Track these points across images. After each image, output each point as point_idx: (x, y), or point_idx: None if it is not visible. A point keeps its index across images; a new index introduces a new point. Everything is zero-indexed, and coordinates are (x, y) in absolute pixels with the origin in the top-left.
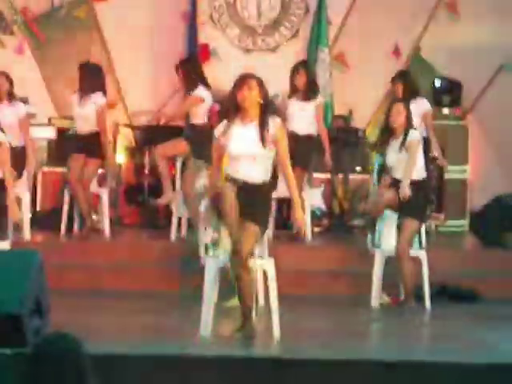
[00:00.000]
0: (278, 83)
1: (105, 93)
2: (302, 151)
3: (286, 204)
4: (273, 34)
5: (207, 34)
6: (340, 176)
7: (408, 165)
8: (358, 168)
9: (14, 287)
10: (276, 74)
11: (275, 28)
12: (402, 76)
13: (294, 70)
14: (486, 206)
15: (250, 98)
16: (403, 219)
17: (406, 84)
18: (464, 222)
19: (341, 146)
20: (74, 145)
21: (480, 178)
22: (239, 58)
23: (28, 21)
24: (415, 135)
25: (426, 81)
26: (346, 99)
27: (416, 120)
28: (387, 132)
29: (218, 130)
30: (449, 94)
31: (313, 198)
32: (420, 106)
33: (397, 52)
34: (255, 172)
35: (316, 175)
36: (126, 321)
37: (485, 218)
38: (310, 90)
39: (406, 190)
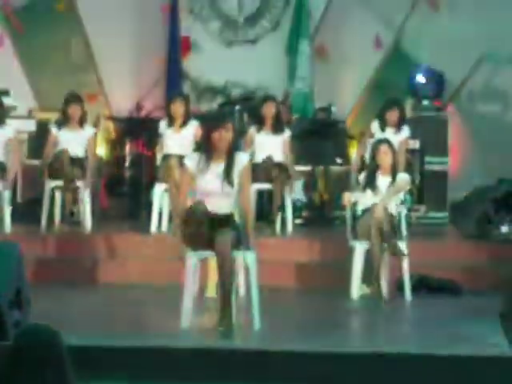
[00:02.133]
0: (258, 75)
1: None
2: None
3: (266, 195)
4: (253, 26)
5: (188, 27)
6: (321, 168)
7: (391, 191)
8: (339, 160)
9: None
10: (256, 65)
11: (256, 20)
12: (399, 104)
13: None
14: (467, 197)
15: (226, 139)
16: None
17: (402, 112)
18: (444, 214)
19: (321, 137)
20: None
21: (460, 170)
22: (220, 51)
23: (8, 13)
24: (405, 176)
25: (406, 72)
26: (326, 91)
27: (395, 145)
28: (374, 170)
29: (190, 160)
30: (428, 85)
31: (293, 190)
32: (402, 133)
33: (378, 44)
34: (221, 206)
35: (297, 167)
36: (107, 313)
37: (465, 210)
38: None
39: (379, 210)
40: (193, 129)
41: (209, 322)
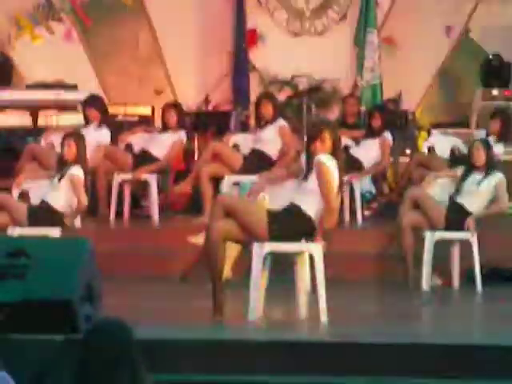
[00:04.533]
0: (325, 66)
1: None
2: None
3: None
4: (321, 17)
5: (255, 18)
6: (390, 159)
7: (495, 207)
8: (408, 151)
9: (66, 274)
10: (324, 57)
11: (323, 11)
12: (504, 114)
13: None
14: None
15: (320, 150)
16: None
17: (505, 122)
18: None
19: (390, 128)
20: None
21: None
22: (287, 42)
23: (76, 7)
24: (501, 177)
25: (476, 62)
26: (395, 81)
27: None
28: (469, 166)
29: None
30: (499, 74)
31: (363, 182)
32: (499, 145)
33: (447, 32)
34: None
35: None
36: (175, 306)
37: None
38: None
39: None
40: (277, 129)
41: (276, 314)
